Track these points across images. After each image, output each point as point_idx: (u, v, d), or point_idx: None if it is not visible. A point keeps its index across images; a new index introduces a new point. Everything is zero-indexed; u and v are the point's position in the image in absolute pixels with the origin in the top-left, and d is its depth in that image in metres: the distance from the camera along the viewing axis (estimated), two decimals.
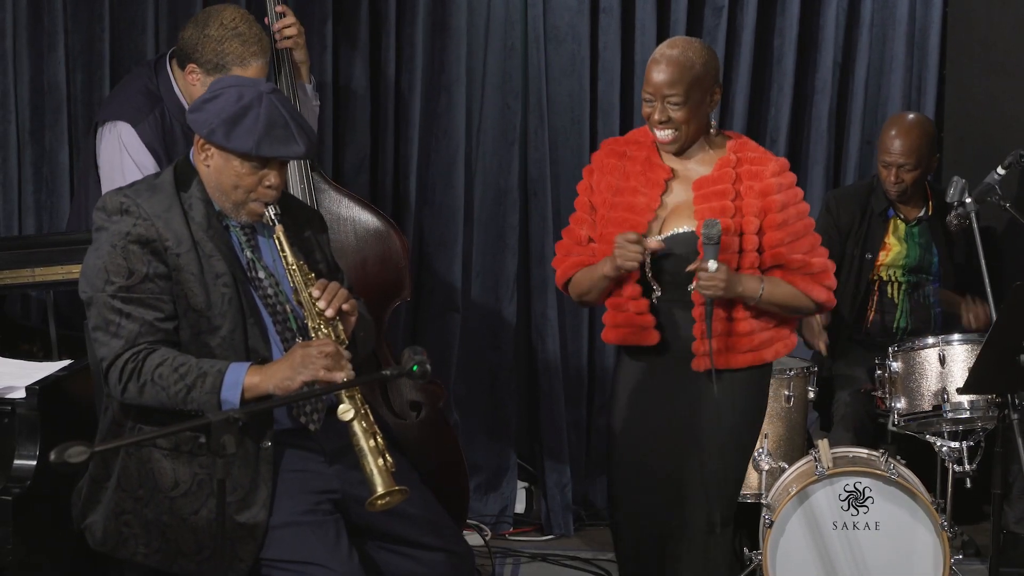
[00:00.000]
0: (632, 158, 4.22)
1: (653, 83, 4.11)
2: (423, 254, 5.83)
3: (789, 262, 4.14)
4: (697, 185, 4.15)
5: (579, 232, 4.26)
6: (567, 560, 5.65)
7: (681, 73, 4.08)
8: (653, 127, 4.16)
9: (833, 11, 6.04)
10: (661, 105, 4.11)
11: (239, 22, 4.64)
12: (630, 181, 4.19)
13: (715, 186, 4.13)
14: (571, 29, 5.87)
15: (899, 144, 5.52)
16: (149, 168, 4.57)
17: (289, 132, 3.83)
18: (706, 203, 4.12)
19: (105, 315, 3.80)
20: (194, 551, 3.84)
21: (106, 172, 4.65)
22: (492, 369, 5.96)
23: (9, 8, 5.34)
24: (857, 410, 5.45)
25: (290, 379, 3.74)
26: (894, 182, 5.55)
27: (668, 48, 4.14)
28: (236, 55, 4.61)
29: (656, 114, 4.12)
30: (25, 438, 4.17)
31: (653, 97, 4.12)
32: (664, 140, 4.16)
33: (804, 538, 4.91)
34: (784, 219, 4.13)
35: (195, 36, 4.63)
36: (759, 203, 4.12)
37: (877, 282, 5.65)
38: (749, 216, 4.11)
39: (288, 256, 3.88)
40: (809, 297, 4.15)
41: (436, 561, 3.99)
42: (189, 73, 4.65)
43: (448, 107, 5.78)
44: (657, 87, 4.10)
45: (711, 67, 4.14)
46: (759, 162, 4.17)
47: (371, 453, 3.74)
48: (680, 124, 4.12)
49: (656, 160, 4.20)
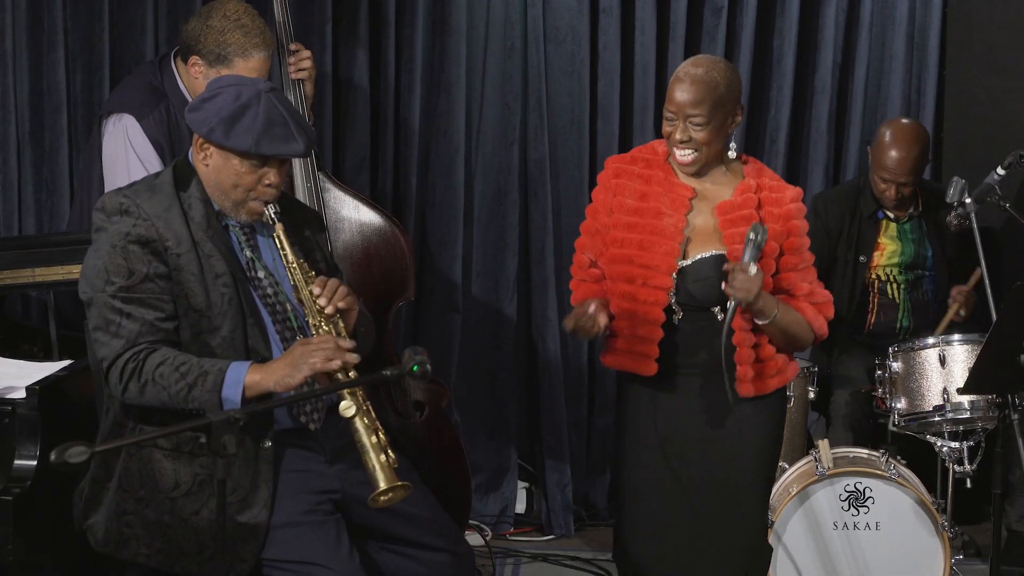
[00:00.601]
0: (648, 178, 4.14)
1: (676, 102, 4.03)
2: (423, 254, 5.83)
3: (797, 288, 4.12)
4: (721, 210, 4.10)
5: (581, 257, 4.21)
6: (567, 560, 5.65)
7: (705, 93, 4.02)
8: (673, 146, 4.09)
9: (833, 11, 6.05)
10: (683, 125, 4.04)
11: (242, 14, 4.65)
12: (650, 202, 4.11)
13: (739, 211, 4.09)
14: (571, 29, 5.87)
15: (900, 163, 5.45)
16: (152, 162, 4.57)
17: (288, 130, 3.83)
18: (734, 227, 4.07)
19: (105, 315, 3.80)
20: (195, 551, 3.84)
21: (109, 165, 4.65)
22: (492, 369, 5.96)
23: (9, 9, 5.34)
24: (857, 410, 5.45)
25: (290, 376, 3.73)
26: (894, 197, 5.53)
27: (693, 67, 4.07)
28: (238, 45, 4.61)
29: (678, 133, 4.05)
30: (25, 438, 4.17)
31: (675, 116, 4.05)
32: (684, 161, 4.09)
33: (804, 538, 4.91)
34: (801, 245, 4.13)
35: (198, 28, 4.64)
36: (780, 228, 4.09)
37: (876, 283, 5.64)
38: (770, 240, 4.07)
39: (288, 254, 3.88)
40: (811, 327, 4.12)
41: (437, 561, 3.99)
42: (192, 66, 4.65)
43: (448, 107, 5.78)
44: (680, 106, 4.03)
45: (735, 88, 4.08)
46: (778, 189, 4.14)
47: (373, 449, 3.74)
48: (701, 145, 4.06)
49: (676, 180, 4.14)
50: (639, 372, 4.10)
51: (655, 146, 4.20)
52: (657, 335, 4.07)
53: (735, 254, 4.03)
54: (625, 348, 4.11)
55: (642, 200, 4.12)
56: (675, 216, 4.08)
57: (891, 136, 5.49)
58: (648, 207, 4.10)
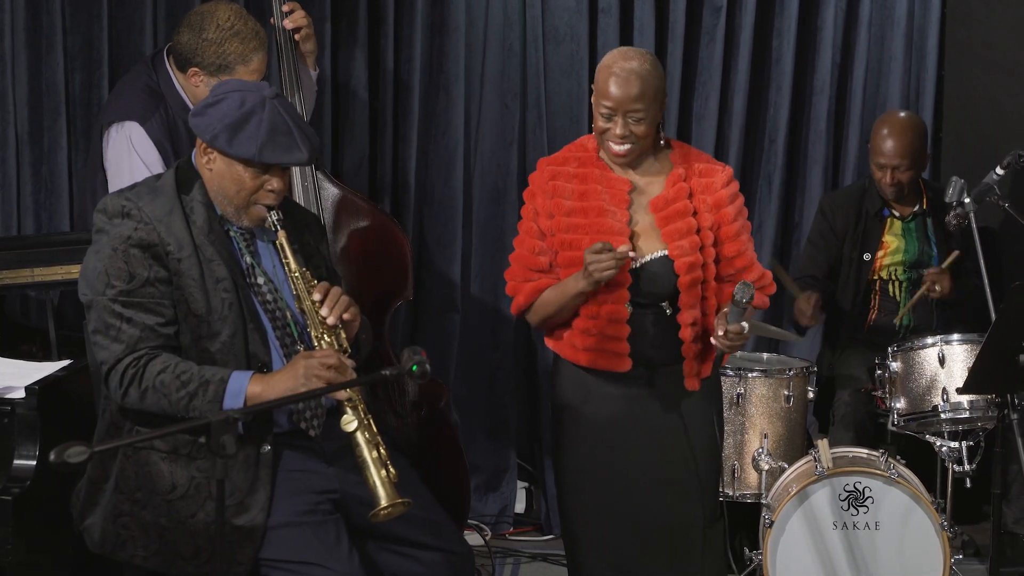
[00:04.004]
0: (584, 176, 4.13)
1: (614, 97, 4.01)
2: (422, 254, 5.83)
3: (733, 266, 4.18)
4: (655, 206, 4.12)
5: (536, 259, 4.16)
6: (567, 560, 5.64)
7: (643, 87, 4.01)
8: (609, 141, 4.08)
9: (832, 11, 6.04)
10: (623, 120, 4.03)
11: (235, 20, 4.62)
12: (591, 200, 4.11)
13: (673, 205, 4.11)
14: (570, 29, 5.87)
15: (892, 146, 5.52)
16: (157, 167, 4.55)
17: (292, 138, 3.82)
18: (670, 224, 4.10)
19: (105, 319, 3.79)
20: (192, 554, 3.83)
21: (114, 173, 4.63)
22: (492, 369, 5.96)
23: (8, 9, 5.33)
24: (857, 410, 5.45)
25: (292, 390, 3.73)
26: (890, 183, 5.55)
27: (624, 61, 4.05)
28: (237, 54, 4.61)
29: (617, 128, 4.04)
30: (25, 438, 4.16)
31: (613, 111, 4.03)
32: (620, 153, 4.09)
33: (804, 538, 4.91)
34: (738, 230, 4.17)
35: (193, 41, 4.61)
36: (712, 216, 4.13)
37: (878, 282, 5.65)
38: (705, 229, 4.12)
39: (291, 263, 3.87)
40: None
41: (436, 561, 3.99)
42: (192, 76, 4.64)
43: (447, 107, 5.78)
44: (620, 101, 4.01)
45: (663, 79, 4.10)
46: (708, 173, 4.17)
47: (374, 464, 3.75)
48: (640, 139, 4.07)
49: (612, 174, 4.14)
50: (614, 369, 4.13)
51: (584, 143, 4.19)
52: (625, 332, 4.10)
53: (676, 251, 4.07)
54: (596, 347, 4.12)
55: (582, 199, 4.11)
56: (618, 211, 4.10)
57: (884, 123, 5.59)
58: (591, 206, 4.10)
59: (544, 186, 4.15)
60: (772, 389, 5.26)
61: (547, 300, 4.15)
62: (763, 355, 5.64)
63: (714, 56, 5.98)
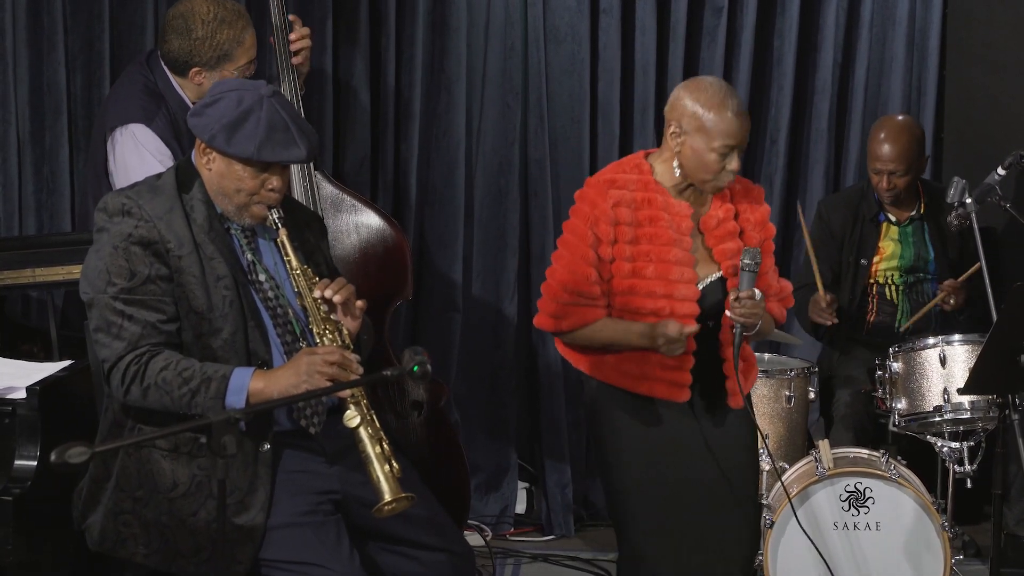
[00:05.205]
0: (647, 201, 4.09)
1: (737, 136, 4.01)
2: (423, 253, 5.83)
3: (769, 287, 4.20)
4: (705, 225, 4.14)
5: (591, 287, 4.08)
6: (568, 560, 5.65)
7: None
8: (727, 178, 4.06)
9: (833, 11, 6.05)
10: (737, 157, 4.04)
11: (215, 9, 4.62)
12: (658, 227, 4.08)
13: (724, 225, 4.14)
14: (571, 29, 5.87)
15: (888, 151, 5.51)
16: (169, 163, 4.54)
17: (290, 136, 3.83)
18: (722, 244, 4.12)
19: (107, 317, 3.80)
20: (192, 552, 3.84)
21: (123, 176, 4.53)
22: (492, 369, 5.96)
23: (8, 9, 5.33)
24: (857, 410, 5.45)
25: (295, 387, 3.74)
26: (887, 188, 5.55)
27: (734, 98, 4.05)
28: (231, 39, 4.61)
29: (734, 163, 4.03)
30: (26, 438, 4.17)
31: (731, 148, 4.03)
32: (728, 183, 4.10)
33: (804, 538, 4.90)
34: (771, 246, 4.22)
35: (185, 45, 4.61)
36: (759, 234, 4.16)
37: (875, 286, 5.65)
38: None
39: (292, 260, 3.88)
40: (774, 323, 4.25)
41: (437, 562, 3.99)
42: (194, 76, 4.64)
43: (448, 107, 5.78)
44: (742, 140, 4.03)
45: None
46: (747, 191, 4.20)
47: (377, 459, 3.75)
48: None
49: (673, 200, 4.12)
50: (673, 399, 4.13)
51: (637, 164, 4.16)
52: (689, 363, 4.11)
53: (729, 272, 4.09)
54: (658, 376, 4.11)
55: (650, 226, 4.09)
56: (683, 239, 4.09)
57: (880, 128, 5.59)
58: (657, 233, 4.08)
59: (608, 213, 4.08)
60: (773, 389, 5.26)
61: (603, 334, 4.10)
62: (764, 355, 5.64)
63: (715, 56, 5.98)
